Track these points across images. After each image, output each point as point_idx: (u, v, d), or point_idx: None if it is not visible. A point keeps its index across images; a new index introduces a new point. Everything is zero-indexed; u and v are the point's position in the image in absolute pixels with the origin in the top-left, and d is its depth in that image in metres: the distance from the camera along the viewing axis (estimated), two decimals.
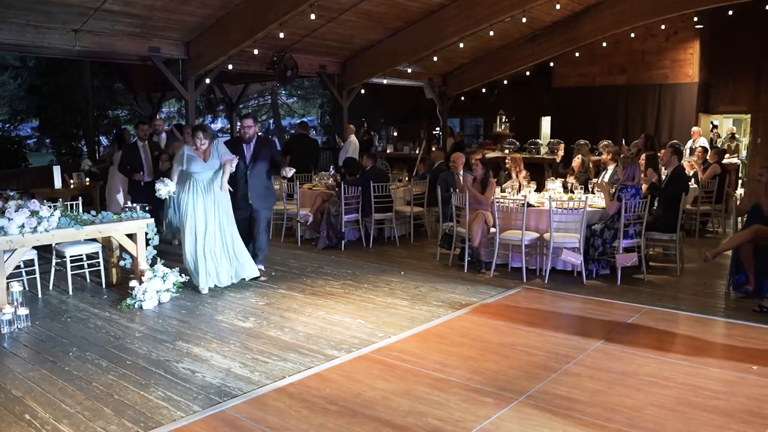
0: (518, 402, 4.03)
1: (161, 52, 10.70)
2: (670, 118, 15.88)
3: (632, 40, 15.45)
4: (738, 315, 5.87)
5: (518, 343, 5.15)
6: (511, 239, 7.32)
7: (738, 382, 4.36)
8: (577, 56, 15.90)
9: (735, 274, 6.55)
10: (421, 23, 12.71)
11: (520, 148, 15.87)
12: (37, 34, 9.29)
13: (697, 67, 15.48)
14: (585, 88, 16.88)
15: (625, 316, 5.82)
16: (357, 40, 13.31)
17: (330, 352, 4.95)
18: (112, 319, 5.85)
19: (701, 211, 9.87)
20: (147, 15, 9.64)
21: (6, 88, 20.53)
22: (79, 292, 6.79)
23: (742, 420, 3.77)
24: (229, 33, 10.42)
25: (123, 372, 4.59)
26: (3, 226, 5.61)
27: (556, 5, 12.20)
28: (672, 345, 5.17)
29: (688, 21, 14.87)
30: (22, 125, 21.38)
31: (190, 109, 11.63)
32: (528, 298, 6.60)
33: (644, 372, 4.51)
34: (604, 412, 3.87)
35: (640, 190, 7.25)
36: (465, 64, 16.49)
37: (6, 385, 4.36)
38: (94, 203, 10.48)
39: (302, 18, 10.46)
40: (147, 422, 3.79)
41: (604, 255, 7.22)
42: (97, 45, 10.02)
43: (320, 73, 14.24)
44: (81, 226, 6.12)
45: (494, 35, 13.06)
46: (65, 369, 4.65)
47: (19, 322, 5.58)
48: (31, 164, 17.86)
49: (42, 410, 3.97)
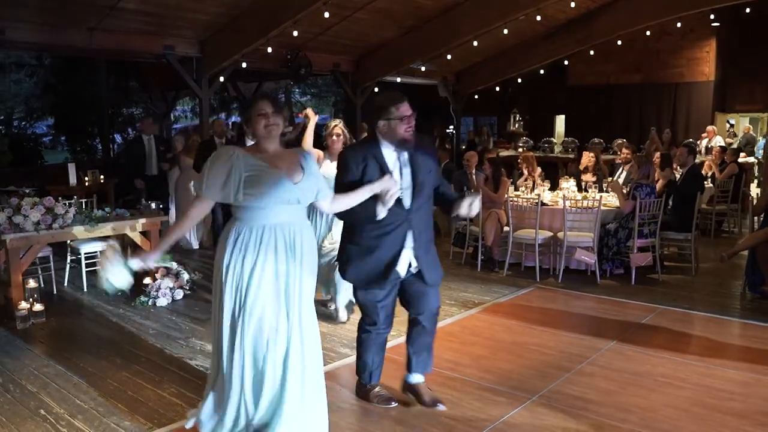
0: (531, 401, 4.01)
1: (176, 50, 10.74)
2: (686, 117, 15.76)
3: (648, 38, 15.31)
4: (754, 316, 5.82)
5: (531, 343, 5.12)
6: (525, 238, 7.29)
7: (754, 383, 4.32)
8: (592, 54, 15.79)
9: (751, 274, 6.48)
10: (435, 21, 12.66)
11: (534, 147, 15.80)
12: (53, 32, 9.34)
13: (714, 65, 15.34)
14: (600, 86, 16.77)
15: (640, 316, 5.78)
16: (371, 38, 13.28)
17: (343, 350, 4.95)
18: (126, 316, 5.89)
19: (717, 211, 9.79)
20: (162, 13, 9.67)
21: (22, 86, 20.66)
22: (94, 288, 6.82)
23: (758, 422, 3.73)
24: (243, 31, 10.43)
25: (137, 369, 4.62)
26: (19, 223, 5.66)
27: (570, 3, 12.12)
28: (687, 345, 5.13)
29: (705, 19, 14.72)
30: (38, 123, 21.51)
31: (204, 107, 11.67)
32: (541, 297, 6.57)
33: (658, 372, 4.48)
34: (617, 413, 3.85)
35: (654, 189, 7.20)
36: (478, 63, 16.41)
37: (21, 380, 4.40)
38: (109, 200, 10.55)
39: (316, 16, 10.45)
40: (160, 419, 3.81)
41: (619, 254, 7.17)
42: (113, 43, 10.06)
43: (334, 71, 14.23)
44: (95, 224, 6.15)
45: (508, 33, 12.97)
46: (80, 365, 4.68)
47: (34, 318, 5.63)
48: (46, 162, 18.02)
49: (56, 406, 4.00)
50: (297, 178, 3.18)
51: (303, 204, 3.26)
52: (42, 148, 19.93)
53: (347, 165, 3.58)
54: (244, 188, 3.07)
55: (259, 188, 3.08)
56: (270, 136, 3.19)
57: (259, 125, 3.17)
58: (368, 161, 3.55)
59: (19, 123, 21.02)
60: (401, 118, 3.55)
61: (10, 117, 20.61)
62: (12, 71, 20.01)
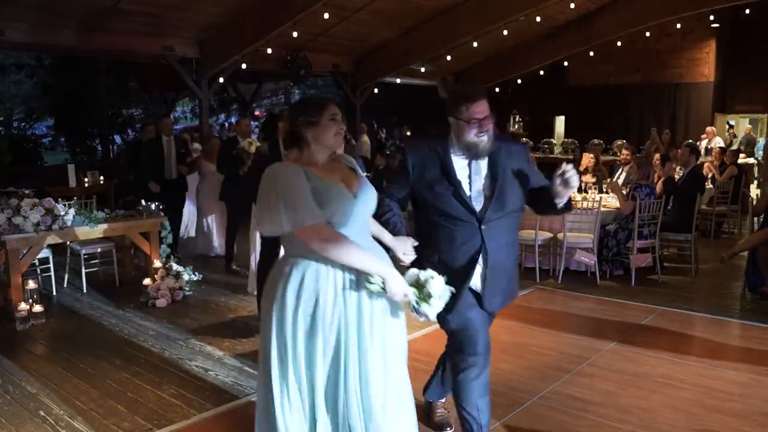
0: (531, 402, 4.01)
1: (175, 51, 10.75)
2: (686, 118, 15.77)
3: (647, 39, 15.32)
4: (754, 317, 5.82)
5: (531, 344, 5.12)
6: (525, 239, 7.28)
7: (753, 384, 4.32)
8: (592, 55, 15.80)
9: (751, 275, 6.48)
10: (435, 22, 12.68)
11: (534, 148, 15.79)
12: (53, 33, 9.36)
13: (713, 66, 15.36)
14: (599, 87, 16.78)
15: (639, 317, 5.78)
16: (370, 38, 13.30)
17: None
18: (126, 317, 5.88)
19: (717, 212, 9.79)
20: (161, 14, 9.69)
21: (22, 87, 20.67)
22: (93, 289, 6.82)
23: (758, 423, 3.73)
24: (243, 32, 10.45)
25: (136, 370, 4.61)
26: (19, 224, 5.65)
27: (570, 4, 12.14)
28: (686, 346, 5.12)
29: (704, 20, 14.74)
30: (38, 124, 21.53)
31: (204, 108, 11.68)
32: (541, 298, 6.57)
33: (658, 373, 4.48)
34: (617, 414, 3.84)
35: (654, 190, 7.20)
36: (478, 63, 16.44)
37: (21, 381, 4.40)
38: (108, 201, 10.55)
39: (316, 17, 10.46)
40: (160, 420, 3.81)
41: (618, 255, 7.17)
42: (112, 44, 10.08)
43: (334, 72, 14.25)
44: (95, 224, 6.15)
45: (508, 34, 13.00)
46: (79, 366, 4.67)
47: (33, 319, 5.62)
48: (46, 163, 18.03)
49: (56, 407, 3.99)
50: (354, 187, 2.63)
51: (366, 219, 2.70)
52: (42, 149, 19.92)
53: (406, 160, 3.05)
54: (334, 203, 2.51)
55: (330, 210, 2.48)
56: (337, 146, 2.66)
57: (329, 132, 2.59)
58: (429, 162, 2.97)
59: (19, 124, 21.04)
60: (471, 120, 2.91)
61: (9, 118, 20.62)
62: (12, 72, 20.03)
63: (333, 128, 2.59)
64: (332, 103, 2.65)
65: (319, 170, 2.55)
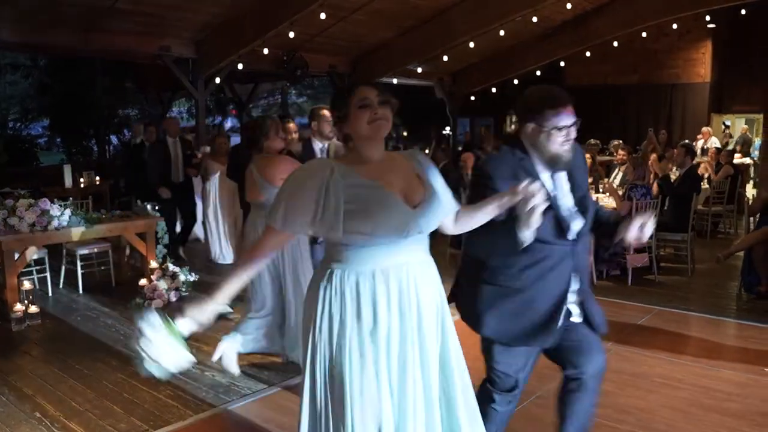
0: (528, 403, 4.00)
1: (171, 51, 10.72)
2: (682, 118, 15.80)
3: (644, 39, 15.35)
4: (750, 316, 5.82)
5: None
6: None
7: (751, 384, 4.32)
8: (589, 55, 15.81)
9: (747, 275, 6.49)
10: (432, 22, 12.67)
11: None
12: (49, 33, 9.32)
13: (710, 66, 15.39)
14: (596, 87, 16.79)
15: (636, 317, 5.78)
16: (367, 39, 13.29)
17: None
18: (122, 318, 5.86)
19: (713, 212, 9.79)
20: (157, 14, 9.65)
21: (17, 87, 20.64)
22: (89, 290, 6.80)
23: (755, 422, 3.73)
24: (240, 32, 10.42)
25: (132, 370, 4.56)
26: (14, 225, 5.63)
27: (567, 5, 12.14)
28: (683, 346, 5.12)
29: (701, 20, 14.77)
30: (33, 124, 21.49)
31: (200, 109, 11.66)
32: None
33: (655, 373, 4.48)
34: (615, 414, 3.84)
35: (650, 190, 7.20)
36: (475, 64, 16.43)
37: (16, 383, 4.38)
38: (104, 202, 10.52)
39: (312, 17, 10.44)
40: (156, 421, 3.80)
41: (615, 255, 7.17)
42: (108, 44, 10.05)
43: (330, 73, 14.23)
44: (91, 225, 6.13)
45: (505, 35, 13.00)
46: (75, 367, 4.66)
47: (29, 320, 5.60)
48: (42, 163, 18.01)
49: (52, 408, 3.98)
50: (416, 198, 2.24)
51: (425, 233, 2.33)
52: (37, 150, 19.90)
53: (492, 179, 2.53)
54: (345, 221, 2.11)
55: (367, 220, 2.12)
56: (377, 136, 2.20)
57: (360, 121, 2.17)
58: (520, 179, 2.29)
59: (15, 124, 20.99)
60: (558, 128, 2.52)
61: (5, 118, 20.58)
62: (7, 72, 20.00)
63: (364, 116, 2.16)
64: (361, 87, 2.22)
65: (372, 170, 2.20)
